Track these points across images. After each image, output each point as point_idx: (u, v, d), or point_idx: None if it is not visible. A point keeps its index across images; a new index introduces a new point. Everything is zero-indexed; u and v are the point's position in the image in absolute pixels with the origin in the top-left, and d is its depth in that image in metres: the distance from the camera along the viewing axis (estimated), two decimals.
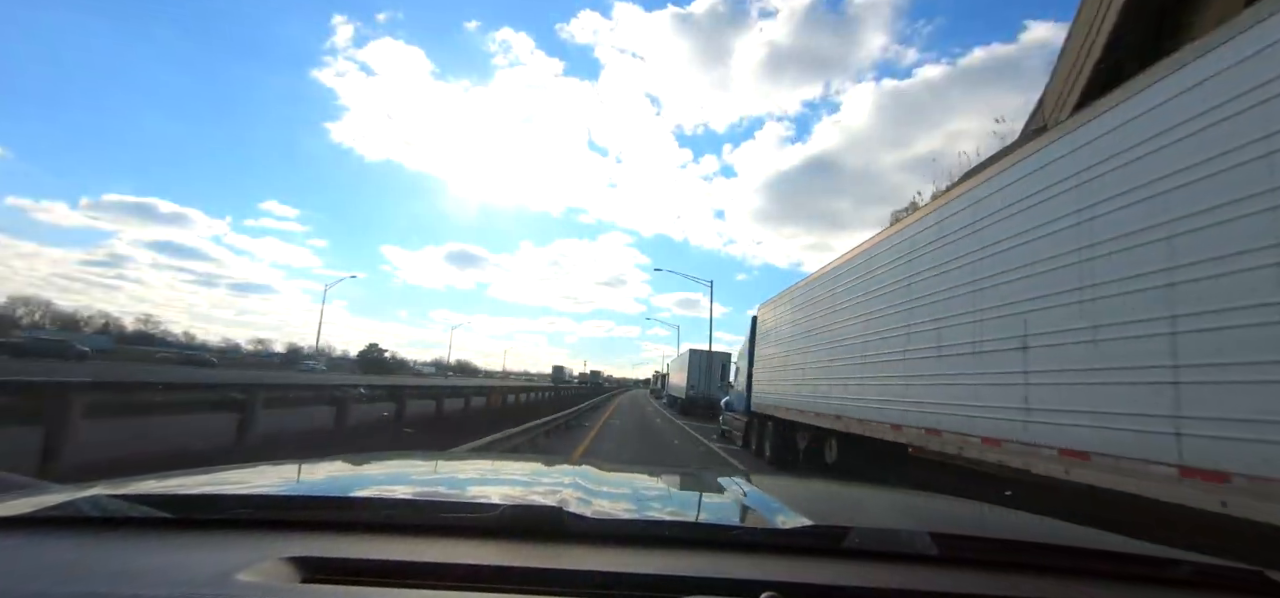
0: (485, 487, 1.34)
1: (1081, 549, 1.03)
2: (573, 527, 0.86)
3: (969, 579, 0.83)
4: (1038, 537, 1.17)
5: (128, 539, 0.78)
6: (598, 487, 1.25)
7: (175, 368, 38.99)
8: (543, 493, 1.20)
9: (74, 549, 0.74)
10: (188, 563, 0.70)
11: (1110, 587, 0.88)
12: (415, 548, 0.78)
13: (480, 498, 1.15)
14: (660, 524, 0.96)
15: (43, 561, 0.70)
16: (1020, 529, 1.26)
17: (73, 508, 0.84)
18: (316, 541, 0.79)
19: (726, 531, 0.95)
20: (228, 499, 1.00)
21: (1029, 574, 0.88)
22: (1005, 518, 1.42)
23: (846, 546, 0.87)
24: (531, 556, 0.77)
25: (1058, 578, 0.88)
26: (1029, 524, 1.31)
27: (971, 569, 0.86)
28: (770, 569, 0.78)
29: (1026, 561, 0.93)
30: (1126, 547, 1.03)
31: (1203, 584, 0.89)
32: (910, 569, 0.84)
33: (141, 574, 0.67)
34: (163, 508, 0.86)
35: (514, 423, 9.86)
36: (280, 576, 0.69)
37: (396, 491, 1.21)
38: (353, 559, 0.74)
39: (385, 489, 1.21)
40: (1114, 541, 1.09)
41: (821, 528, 0.92)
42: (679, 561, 0.79)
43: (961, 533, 1.06)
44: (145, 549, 0.75)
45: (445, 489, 1.27)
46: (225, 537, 0.80)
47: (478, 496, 1.20)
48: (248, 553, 0.72)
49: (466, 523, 0.88)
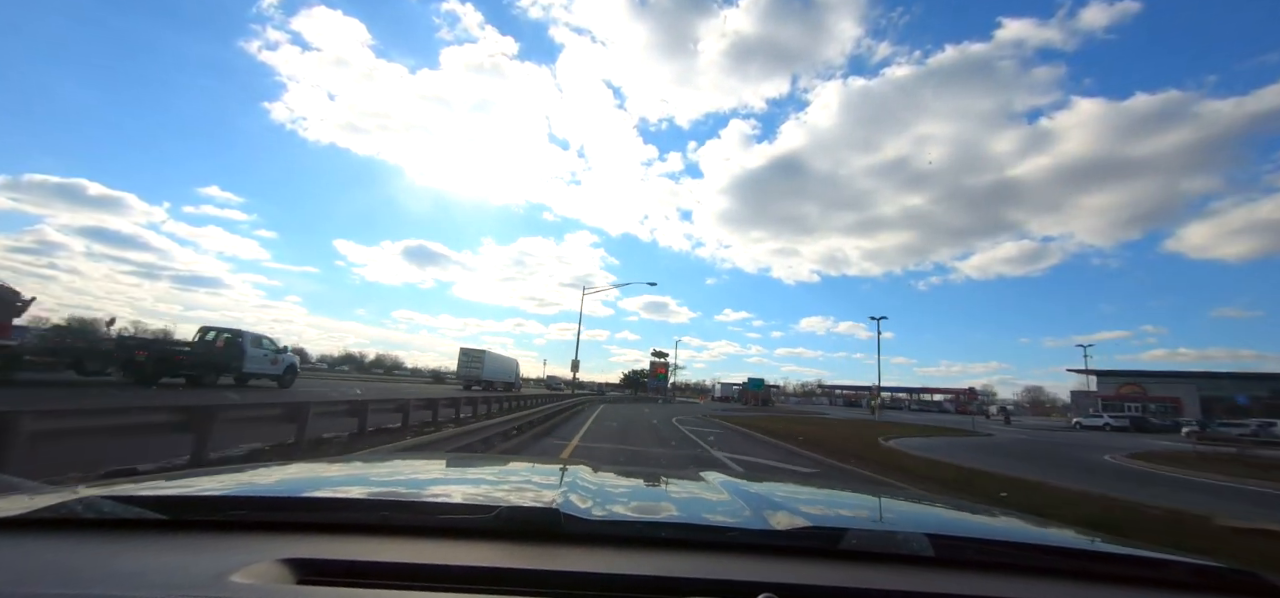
0: (482, 488, 1.33)
1: (1077, 551, 1.06)
2: (570, 528, 0.87)
3: (965, 581, 0.84)
4: (1034, 539, 1.19)
5: (122, 541, 0.77)
6: (595, 488, 1.25)
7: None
8: (540, 494, 1.20)
9: (68, 551, 0.73)
10: (183, 565, 0.69)
11: (1105, 589, 0.89)
12: (412, 550, 0.79)
13: (477, 499, 1.14)
14: (658, 526, 0.97)
15: (36, 563, 0.69)
16: (1016, 532, 1.27)
17: (66, 510, 0.83)
18: (313, 542, 0.79)
19: (723, 532, 0.95)
20: (223, 500, 0.99)
21: (1025, 576, 0.89)
22: (1001, 520, 1.42)
23: (843, 547, 0.88)
24: (529, 557, 0.78)
25: (1053, 580, 0.90)
26: (1025, 527, 1.32)
27: (968, 571, 0.88)
28: (767, 571, 0.79)
29: (1022, 563, 0.95)
30: (1121, 549, 1.05)
31: (1197, 586, 0.91)
32: (907, 571, 0.85)
33: (136, 576, 0.66)
34: (157, 509, 0.85)
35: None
36: (276, 577, 0.69)
37: (394, 492, 1.20)
38: (349, 561, 0.74)
39: (382, 490, 1.20)
40: (1109, 543, 1.11)
41: (818, 529, 0.93)
42: (676, 562, 0.80)
43: (958, 535, 1.08)
44: (140, 551, 0.74)
45: (442, 490, 1.26)
46: (220, 538, 0.80)
47: (475, 497, 1.19)
48: (243, 554, 0.72)
49: (463, 524, 0.89)
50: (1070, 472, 13.85)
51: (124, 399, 8.22)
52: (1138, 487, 11.52)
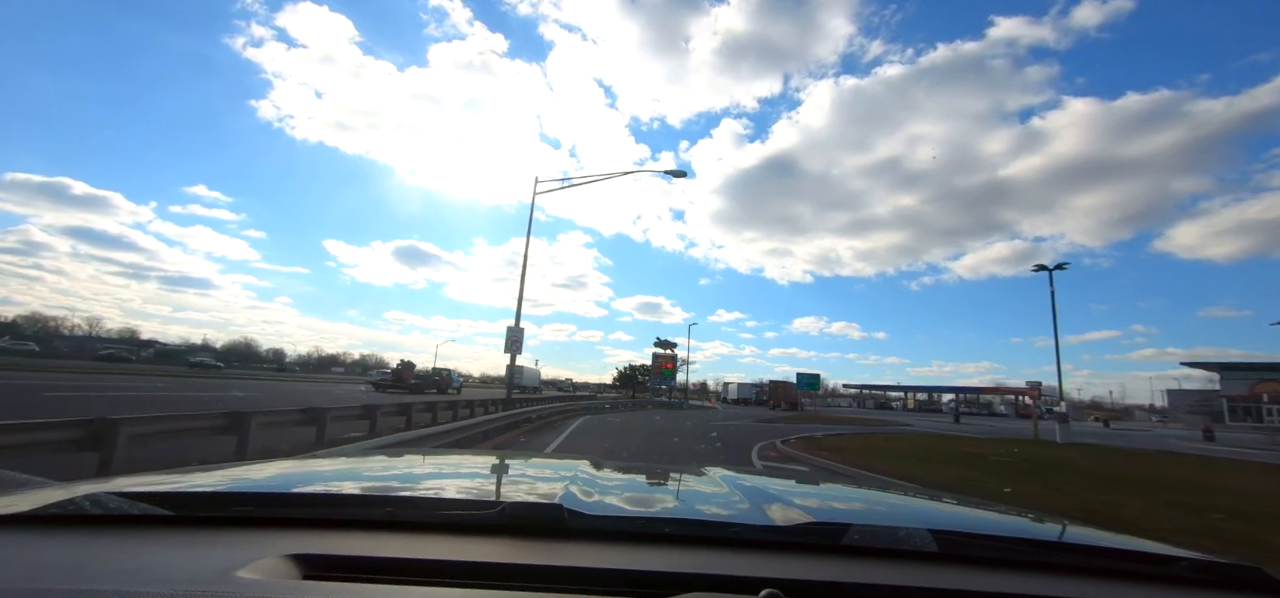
0: (486, 483, 1.32)
1: (1081, 546, 1.05)
2: (574, 524, 0.87)
3: (969, 577, 0.83)
4: (1037, 535, 1.17)
5: (128, 537, 0.79)
6: (598, 483, 1.26)
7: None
8: (544, 490, 1.21)
9: (74, 547, 0.75)
10: (189, 561, 0.71)
11: (1110, 584, 0.88)
12: (416, 545, 0.79)
13: (481, 495, 1.15)
14: (661, 521, 0.96)
15: (43, 559, 0.71)
16: (1020, 527, 1.24)
17: (73, 506, 0.85)
18: (318, 538, 0.80)
19: (727, 527, 0.94)
20: (228, 496, 1.01)
21: (1029, 572, 0.88)
22: (1005, 516, 1.36)
23: (846, 543, 0.87)
24: (533, 552, 0.78)
25: (1057, 576, 0.88)
26: (1028, 522, 1.30)
27: (972, 567, 0.87)
28: (771, 566, 0.79)
29: (1026, 558, 0.93)
30: (1126, 544, 1.03)
31: (1201, 581, 0.90)
32: (910, 567, 0.84)
33: (142, 572, 0.67)
34: (163, 505, 0.86)
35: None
36: (281, 573, 0.69)
37: (398, 487, 1.22)
38: (354, 557, 0.75)
39: (387, 486, 1.22)
40: (1113, 538, 1.10)
41: (822, 525, 0.92)
42: (680, 557, 0.81)
43: (962, 531, 1.06)
44: (146, 547, 0.76)
45: (447, 486, 1.28)
46: (226, 534, 0.81)
47: (478, 492, 1.19)
48: (249, 550, 0.73)
49: (468, 520, 0.89)
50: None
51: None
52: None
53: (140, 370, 38.71)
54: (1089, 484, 10.73)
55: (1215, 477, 12.85)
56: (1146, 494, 9.84)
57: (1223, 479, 12.40)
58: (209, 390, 23.70)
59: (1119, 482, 11.52)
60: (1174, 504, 8.73)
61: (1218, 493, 10.26)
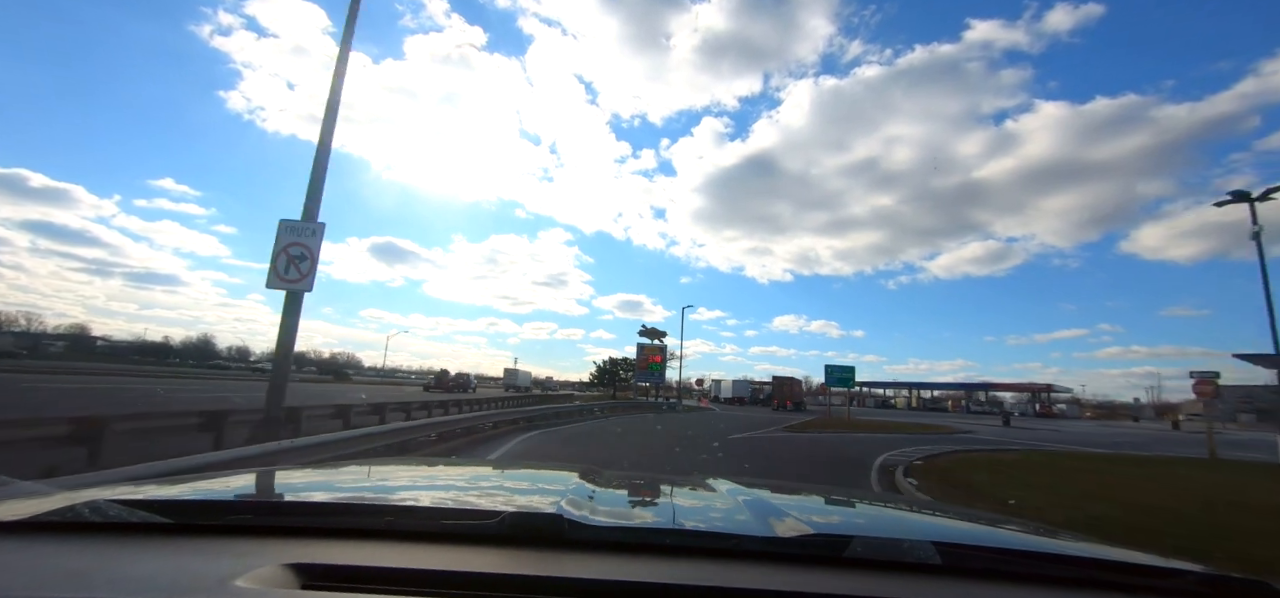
0: (486, 494, 1.32)
1: (1086, 559, 1.05)
2: (574, 534, 0.87)
3: (972, 590, 0.83)
4: (1042, 547, 1.16)
5: (127, 545, 0.79)
6: (599, 494, 1.28)
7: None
8: (543, 500, 1.20)
9: (73, 555, 0.75)
10: (187, 569, 0.71)
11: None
12: (416, 555, 0.80)
13: (481, 505, 1.13)
14: (661, 532, 0.96)
15: (41, 566, 0.71)
16: (1024, 540, 1.22)
17: (72, 513, 0.85)
18: (317, 547, 0.80)
19: (728, 539, 0.93)
20: (227, 504, 1.03)
21: (1033, 585, 0.87)
22: (1009, 529, 1.36)
23: (848, 555, 0.86)
24: (532, 563, 0.78)
25: (1062, 589, 0.87)
26: (1033, 535, 1.29)
27: (975, 580, 0.86)
28: (772, 578, 0.79)
29: (1030, 571, 0.93)
30: (1131, 558, 1.02)
31: (1208, 595, 0.91)
32: (913, 580, 0.84)
33: (141, 580, 0.68)
34: (162, 513, 0.86)
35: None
36: (280, 582, 0.70)
37: (398, 497, 1.22)
38: (353, 566, 0.75)
39: (386, 496, 1.23)
40: (1119, 551, 1.09)
41: (823, 537, 0.91)
42: (680, 569, 0.80)
43: (965, 543, 1.06)
44: (145, 555, 0.76)
45: (446, 496, 1.28)
46: (225, 543, 0.81)
47: (478, 502, 1.18)
48: (248, 559, 0.73)
49: (467, 530, 0.89)
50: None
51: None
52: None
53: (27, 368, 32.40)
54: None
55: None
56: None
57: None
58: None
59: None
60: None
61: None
